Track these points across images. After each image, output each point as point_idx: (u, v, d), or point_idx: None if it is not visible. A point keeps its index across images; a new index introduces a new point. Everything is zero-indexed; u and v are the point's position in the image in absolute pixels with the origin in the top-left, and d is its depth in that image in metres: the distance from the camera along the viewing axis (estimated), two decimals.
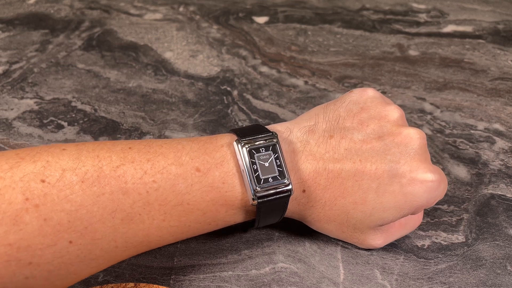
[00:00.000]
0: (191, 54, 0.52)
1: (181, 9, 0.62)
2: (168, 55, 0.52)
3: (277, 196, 0.25)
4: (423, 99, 0.45)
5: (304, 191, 0.26)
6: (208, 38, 0.55)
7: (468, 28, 0.57)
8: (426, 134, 0.41)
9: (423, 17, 0.60)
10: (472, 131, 0.41)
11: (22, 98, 0.45)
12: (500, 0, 0.65)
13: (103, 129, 0.41)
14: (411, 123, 0.42)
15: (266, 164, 0.25)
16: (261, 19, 0.60)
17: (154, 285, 0.27)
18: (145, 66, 0.50)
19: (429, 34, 0.56)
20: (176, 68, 0.50)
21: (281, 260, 0.29)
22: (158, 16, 0.60)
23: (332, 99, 0.45)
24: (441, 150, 0.39)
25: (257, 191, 0.25)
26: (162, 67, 0.50)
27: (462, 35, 0.56)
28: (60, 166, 0.22)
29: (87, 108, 0.43)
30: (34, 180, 0.21)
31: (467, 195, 0.35)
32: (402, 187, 0.25)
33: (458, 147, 0.39)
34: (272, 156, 0.25)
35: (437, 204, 0.34)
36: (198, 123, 0.42)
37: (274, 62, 0.51)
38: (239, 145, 0.25)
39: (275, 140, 0.26)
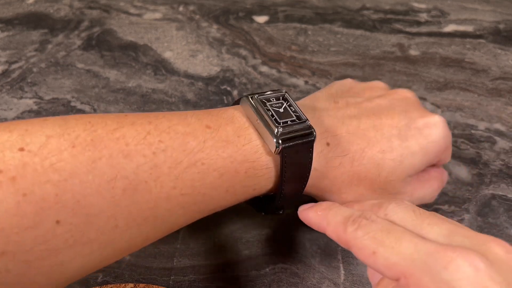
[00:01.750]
0: (191, 54, 0.52)
1: (180, 8, 0.62)
2: (167, 54, 0.52)
3: (301, 140, 0.23)
4: (424, 99, 0.45)
5: (328, 144, 0.25)
6: (208, 38, 0.55)
7: (469, 28, 0.57)
8: None
9: (423, 16, 0.60)
10: (473, 131, 0.41)
11: (21, 98, 0.44)
12: (501, 0, 0.65)
13: None
14: None
15: (281, 110, 0.23)
16: (261, 19, 0.59)
17: (154, 285, 0.27)
18: (145, 66, 0.50)
19: (429, 34, 0.56)
20: (175, 68, 0.50)
21: (281, 261, 0.29)
22: (157, 15, 0.60)
23: None
24: None
25: (279, 134, 0.22)
26: (161, 67, 0.50)
27: (463, 35, 0.56)
28: (43, 133, 0.19)
29: (87, 108, 0.43)
30: (9, 149, 0.18)
31: (468, 195, 0.35)
32: (420, 131, 0.27)
33: (459, 147, 0.39)
34: (285, 104, 0.24)
35: (438, 204, 0.34)
36: None
37: (274, 62, 0.51)
38: (249, 98, 0.23)
39: (284, 91, 0.25)
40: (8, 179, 0.17)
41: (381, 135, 0.26)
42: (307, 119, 0.23)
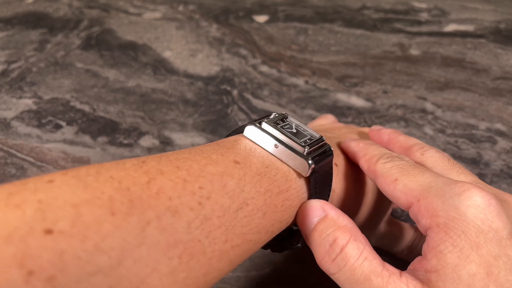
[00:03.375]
0: (191, 54, 0.52)
1: (180, 8, 0.62)
2: (167, 54, 0.52)
3: (324, 158, 0.21)
4: (424, 99, 0.45)
5: (336, 164, 0.24)
6: (207, 37, 0.55)
7: (469, 28, 0.57)
8: (427, 134, 0.41)
9: (424, 16, 0.60)
10: (473, 131, 0.41)
11: (20, 97, 0.44)
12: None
13: (102, 129, 0.41)
14: (413, 123, 0.42)
15: (294, 131, 0.22)
16: (261, 18, 0.59)
17: None
18: (144, 65, 0.50)
19: (430, 34, 0.56)
20: (175, 68, 0.49)
21: (281, 261, 0.29)
22: (157, 15, 0.60)
23: (333, 99, 0.45)
24: (443, 150, 0.39)
25: (306, 153, 0.20)
26: (161, 67, 0.50)
27: (464, 35, 0.56)
28: (65, 202, 0.14)
29: (86, 108, 0.43)
30: (31, 234, 0.13)
31: None
32: None
33: (460, 147, 0.39)
34: (294, 123, 0.22)
35: None
36: (198, 123, 0.42)
37: (274, 61, 0.51)
38: (257, 124, 0.21)
39: (285, 113, 0.23)
40: (44, 281, 0.12)
41: None
42: (321, 136, 0.22)
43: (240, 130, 0.22)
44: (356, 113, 0.43)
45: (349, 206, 0.25)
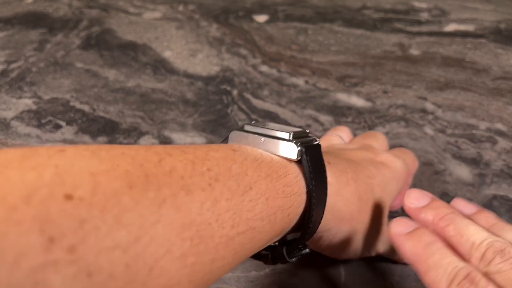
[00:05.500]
0: (191, 54, 0.52)
1: (180, 8, 0.62)
2: (167, 54, 0.52)
3: (310, 143, 0.21)
4: (425, 99, 0.45)
5: (328, 162, 0.23)
6: (207, 37, 0.55)
7: (469, 27, 0.57)
8: (427, 134, 0.41)
9: (424, 16, 0.60)
10: (474, 131, 0.41)
11: (20, 97, 0.44)
12: None
13: (102, 129, 0.41)
14: (413, 123, 0.42)
15: (276, 127, 0.22)
16: (261, 18, 0.59)
17: None
18: (144, 65, 0.50)
19: (430, 33, 0.56)
20: (175, 68, 0.49)
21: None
22: (157, 15, 0.60)
23: (333, 99, 0.45)
24: (443, 150, 0.39)
25: (291, 137, 0.21)
26: (161, 67, 0.49)
27: (464, 34, 0.56)
28: (82, 168, 0.13)
29: (86, 108, 0.43)
30: (50, 197, 0.12)
31: (469, 195, 0.34)
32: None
33: (460, 147, 0.39)
34: (276, 124, 0.23)
35: None
36: (198, 123, 0.42)
37: (274, 61, 0.51)
38: (237, 130, 0.22)
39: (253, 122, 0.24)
40: (65, 251, 0.11)
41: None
42: (305, 129, 0.22)
43: (225, 140, 0.22)
44: (356, 113, 0.43)
45: (343, 208, 0.24)
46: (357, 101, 0.45)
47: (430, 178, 0.36)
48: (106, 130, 0.40)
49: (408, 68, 0.50)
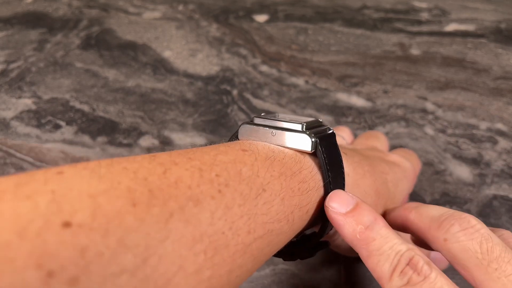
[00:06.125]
0: (191, 53, 0.52)
1: (180, 7, 0.61)
2: (167, 54, 0.52)
3: (325, 133, 0.20)
4: (425, 99, 0.45)
5: (345, 153, 0.24)
6: (207, 37, 0.55)
7: (470, 27, 0.57)
8: (428, 134, 0.41)
9: (424, 16, 0.60)
10: (474, 131, 0.41)
11: (19, 97, 0.44)
12: None
13: (102, 129, 0.40)
14: (413, 123, 0.42)
15: (287, 118, 0.22)
16: (261, 18, 0.59)
17: None
18: (144, 65, 0.50)
19: (430, 33, 0.56)
20: (175, 68, 0.49)
21: (281, 262, 0.29)
22: (157, 14, 0.60)
23: (333, 99, 0.45)
24: (443, 150, 0.39)
25: (304, 128, 0.20)
26: (161, 66, 0.49)
27: (464, 34, 0.56)
28: (80, 192, 0.12)
29: (86, 108, 0.43)
30: (48, 228, 0.11)
31: (469, 195, 0.34)
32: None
33: (460, 147, 0.39)
34: (287, 115, 0.23)
35: (439, 204, 0.33)
36: (198, 122, 0.42)
37: (274, 61, 0.51)
38: (247, 123, 0.21)
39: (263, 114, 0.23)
40: (66, 284, 0.11)
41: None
42: (318, 119, 0.22)
43: (236, 134, 0.22)
44: (356, 113, 0.43)
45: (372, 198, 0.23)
46: (357, 101, 0.45)
47: (430, 178, 0.36)
48: (106, 130, 0.40)
49: (409, 68, 0.50)
